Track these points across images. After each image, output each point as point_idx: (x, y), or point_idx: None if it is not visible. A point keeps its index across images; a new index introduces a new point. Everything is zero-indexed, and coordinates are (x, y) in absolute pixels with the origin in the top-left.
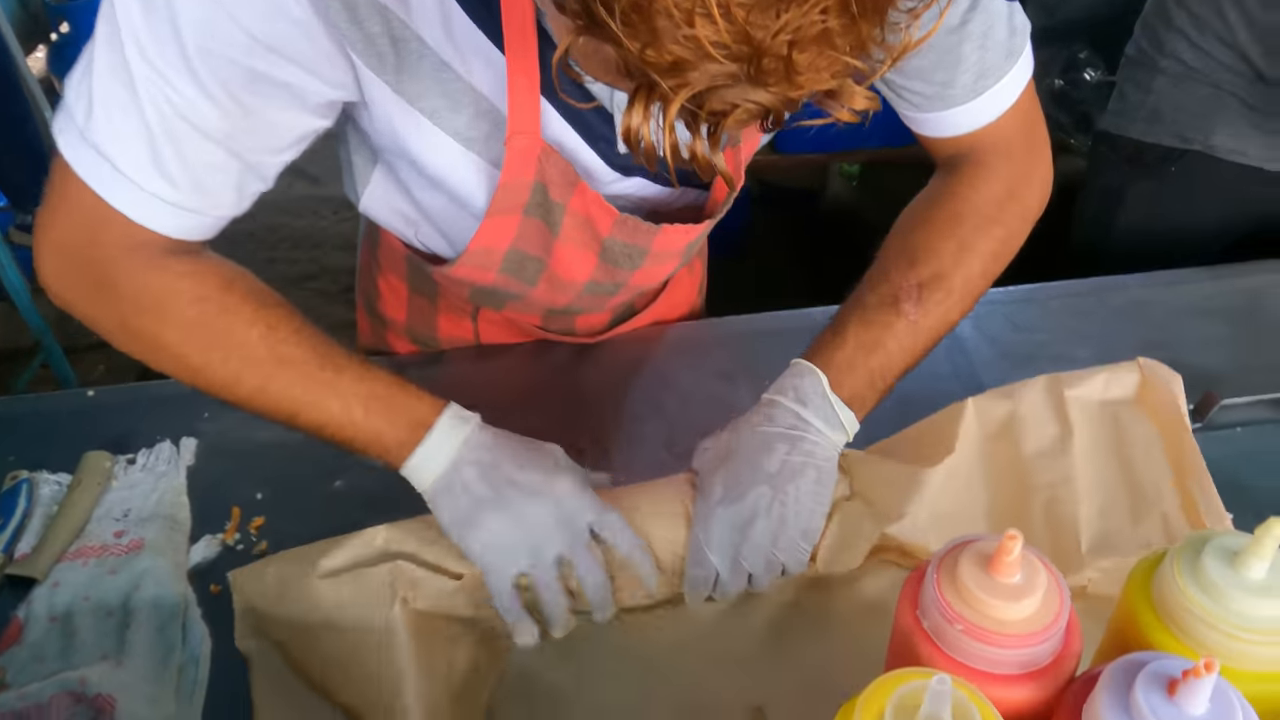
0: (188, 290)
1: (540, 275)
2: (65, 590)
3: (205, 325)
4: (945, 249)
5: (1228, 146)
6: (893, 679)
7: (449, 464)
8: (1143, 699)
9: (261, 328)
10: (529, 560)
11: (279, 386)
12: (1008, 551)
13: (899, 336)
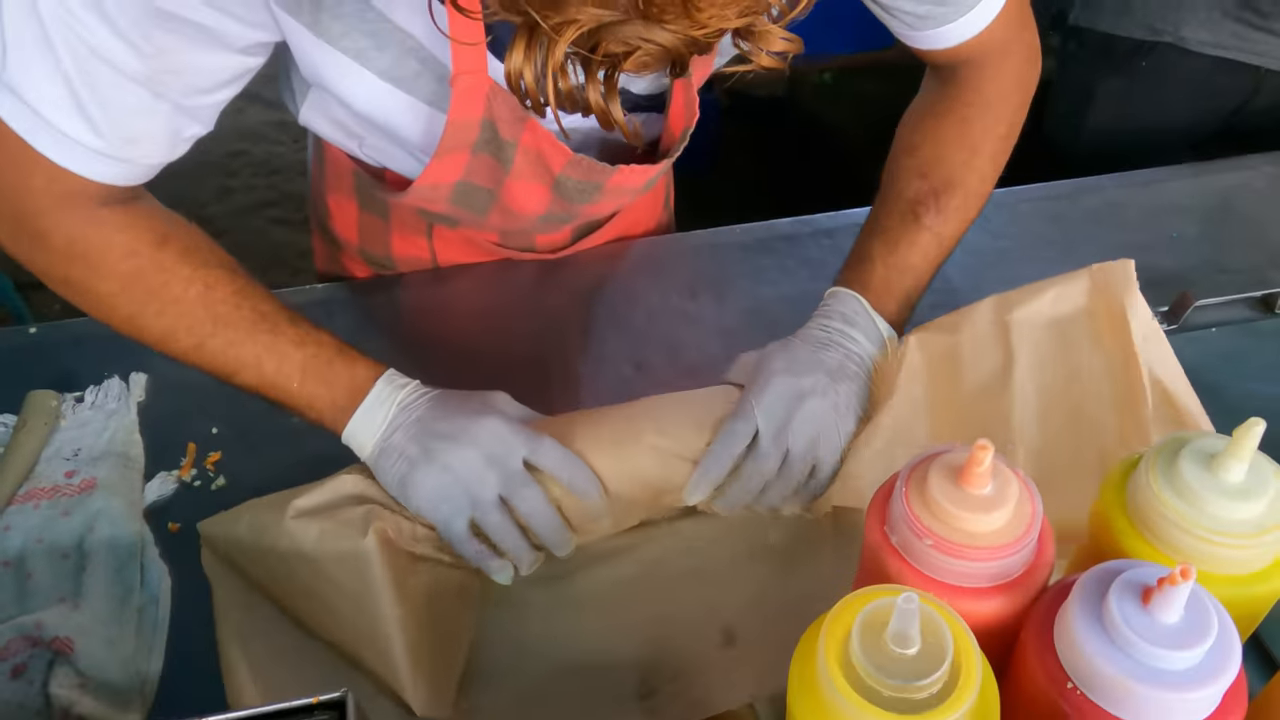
0: (120, 244)
1: (491, 206)
2: (16, 534)
3: (139, 280)
4: (956, 157)
5: (1199, 38)
6: (860, 596)
7: (383, 430)
8: (1116, 609)
9: (199, 286)
10: (470, 507)
11: (216, 346)
12: (978, 462)
13: (925, 251)
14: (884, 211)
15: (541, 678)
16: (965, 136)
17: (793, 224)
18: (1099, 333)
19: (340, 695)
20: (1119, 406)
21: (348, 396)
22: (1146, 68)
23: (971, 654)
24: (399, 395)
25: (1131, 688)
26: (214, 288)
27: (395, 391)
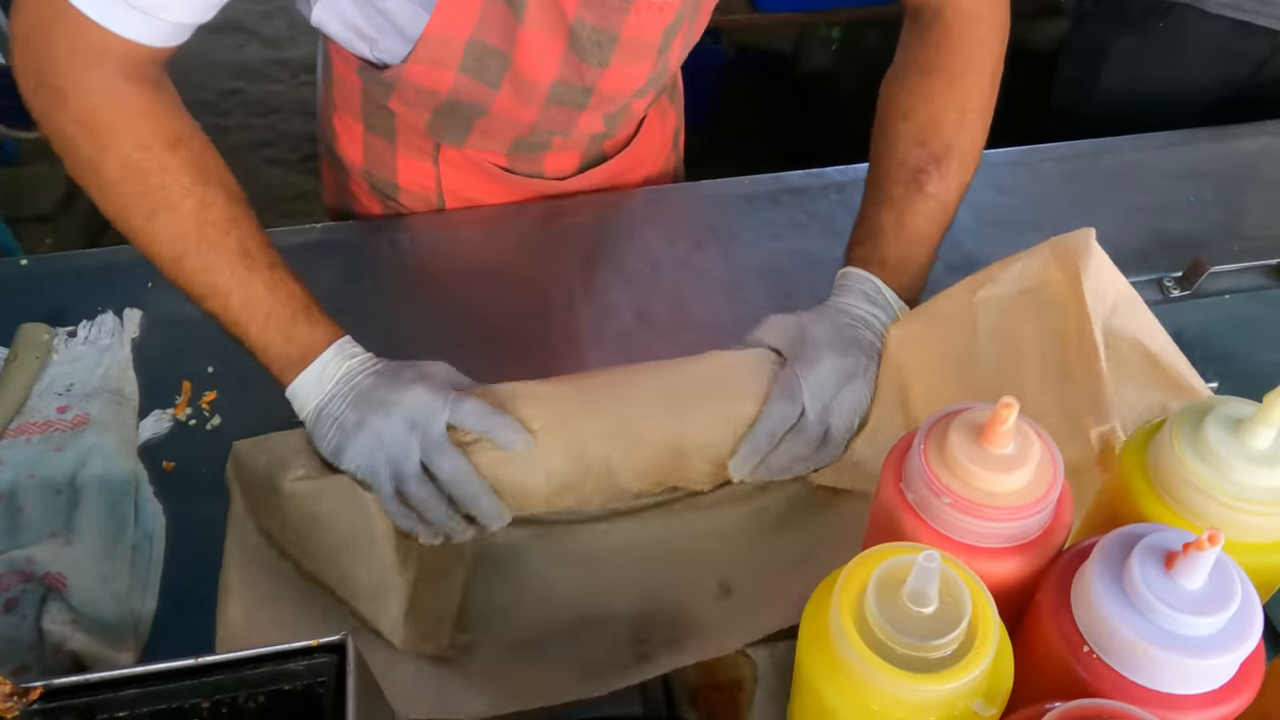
0: (135, 131)
1: (504, 75)
2: (8, 468)
3: (141, 176)
4: (948, 118)
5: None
6: (876, 554)
7: (324, 395)
8: (1138, 572)
9: (194, 201)
10: (394, 477)
11: (193, 265)
12: (1001, 421)
13: (932, 219)
14: (887, 180)
15: (536, 625)
16: (954, 95)
17: (803, 177)
18: (1059, 301)
19: (340, 638)
20: (1067, 374)
21: (300, 354)
22: (1163, 29)
23: (989, 615)
24: (346, 365)
25: (1150, 652)
26: (209, 207)
27: (343, 361)
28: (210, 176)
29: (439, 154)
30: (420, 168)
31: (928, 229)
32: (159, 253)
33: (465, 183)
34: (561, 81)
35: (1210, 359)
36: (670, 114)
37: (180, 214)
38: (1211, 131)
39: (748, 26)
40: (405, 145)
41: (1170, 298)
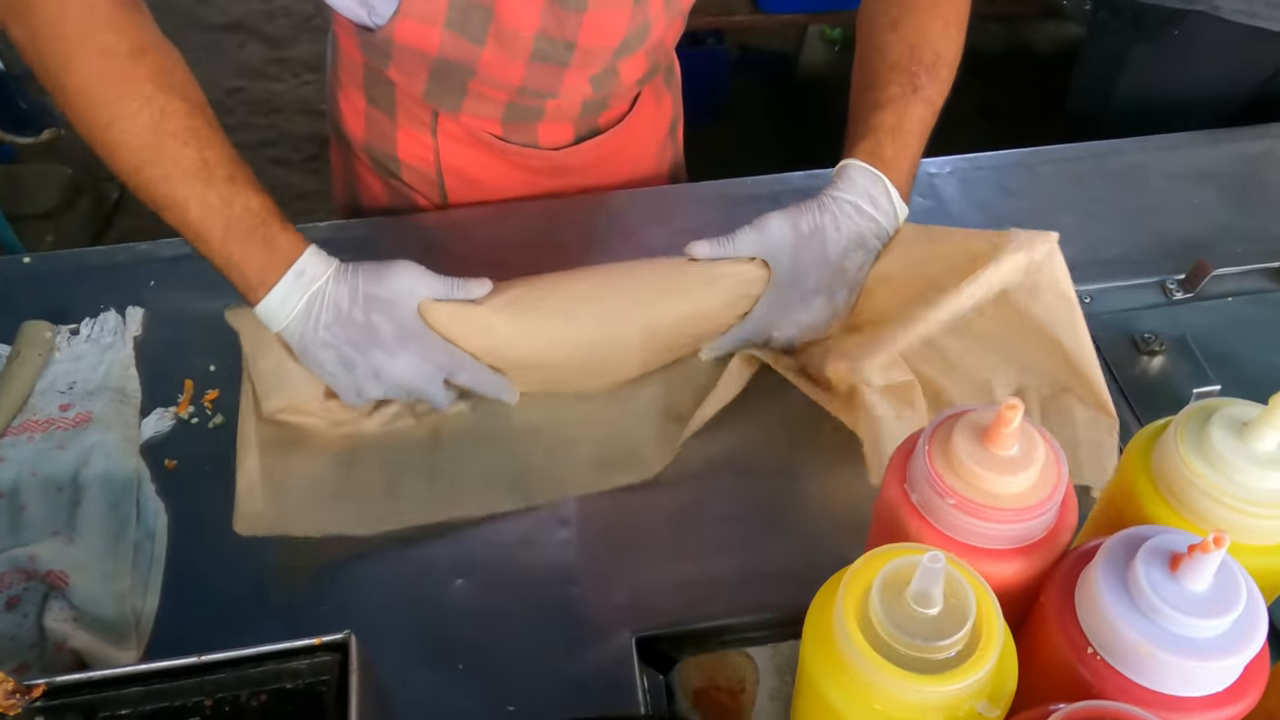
0: (100, 40)
1: (487, 29)
2: (10, 466)
3: (102, 84)
4: (935, 28)
5: (1233, 6)
6: (880, 555)
7: (302, 316)
8: (1143, 574)
9: (153, 111)
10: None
11: (153, 176)
12: (1006, 422)
13: (924, 121)
14: (882, 82)
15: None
16: (938, 8)
17: (804, 178)
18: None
19: (343, 637)
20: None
21: (258, 276)
22: (1178, 36)
23: (994, 617)
24: (317, 285)
25: (1154, 654)
26: (169, 117)
27: (304, 291)
28: (173, 86)
29: (437, 125)
30: (419, 139)
31: (920, 129)
32: (120, 163)
33: (463, 155)
34: (544, 34)
35: (1214, 361)
36: (666, 99)
37: (139, 124)
38: (1215, 134)
39: (750, 27)
40: (405, 117)
41: (1173, 300)
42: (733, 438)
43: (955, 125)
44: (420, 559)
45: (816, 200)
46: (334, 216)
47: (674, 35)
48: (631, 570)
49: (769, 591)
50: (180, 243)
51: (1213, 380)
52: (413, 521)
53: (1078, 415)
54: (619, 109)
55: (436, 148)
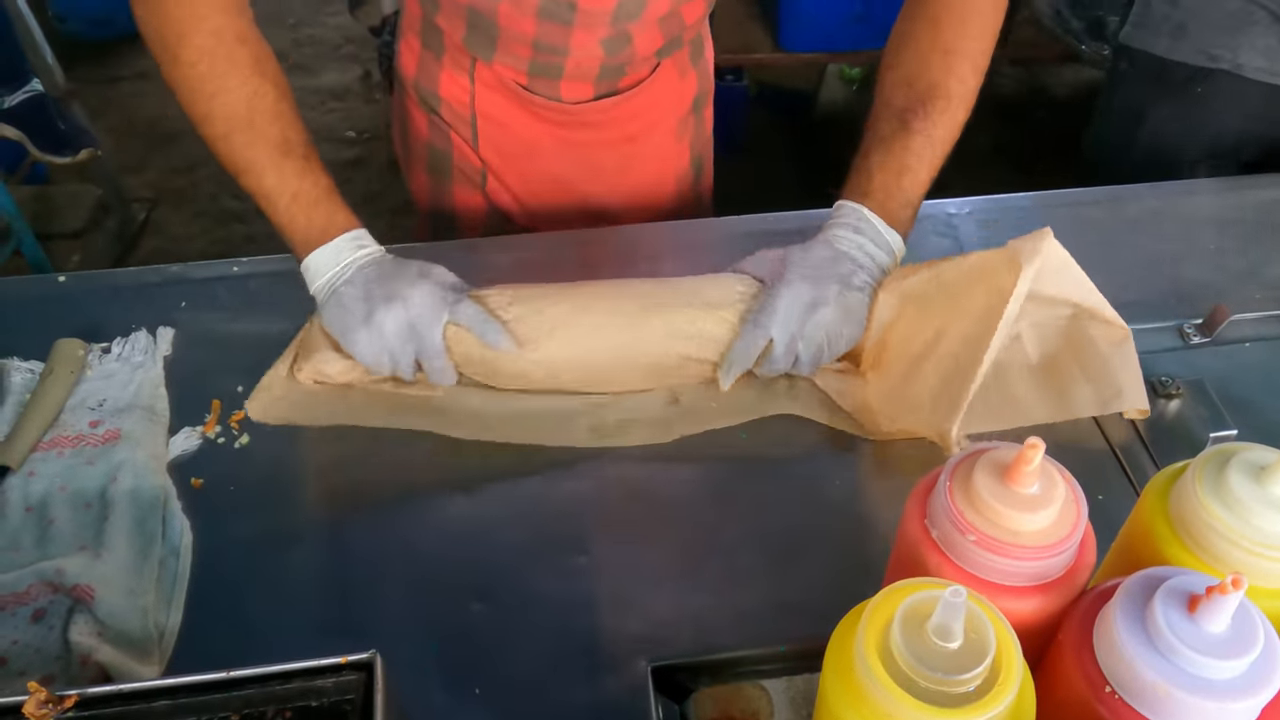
0: (212, 24)
1: None
2: (41, 480)
3: (209, 60)
4: (933, 60)
5: (1256, 65)
6: (902, 588)
7: (333, 276)
8: (1161, 615)
9: (249, 89)
10: (391, 363)
11: (238, 142)
12: (1027, 461)
13: (918, 153)
14: (876, 123)
15: (500, 419)
16: (938, 40)
17: (825, 215)
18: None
19: (368, 657)
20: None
21: (318, 235)
22: (1202, 94)
23: (1013, 653)
24: (358, 254)
25: (1172, 694)
26: (261, 97)
27: (356, 250)
28: (267, 73)
29: (475, 71)
30: (459, 82)
31: (913, 161)
32: (213, 129)
33: (494, 101)
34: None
35: (1231, 406)
36: (691, 75)
37: (236, 97)
38: (1232, 180)
39: (770, 65)
40: (450, 61)
41: (1191, 344)
42: (749, 470)
43: (973, 166)
44: (440, 582)
45: (803, 244)
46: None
47: (695, 10)
48: (648, 599)
49: (785, 624)
50: (211, 266)
51: (1230, 425)
52: (419, 426)
53: (1095, 333)
54: (638, 76)
55: (473, 91)
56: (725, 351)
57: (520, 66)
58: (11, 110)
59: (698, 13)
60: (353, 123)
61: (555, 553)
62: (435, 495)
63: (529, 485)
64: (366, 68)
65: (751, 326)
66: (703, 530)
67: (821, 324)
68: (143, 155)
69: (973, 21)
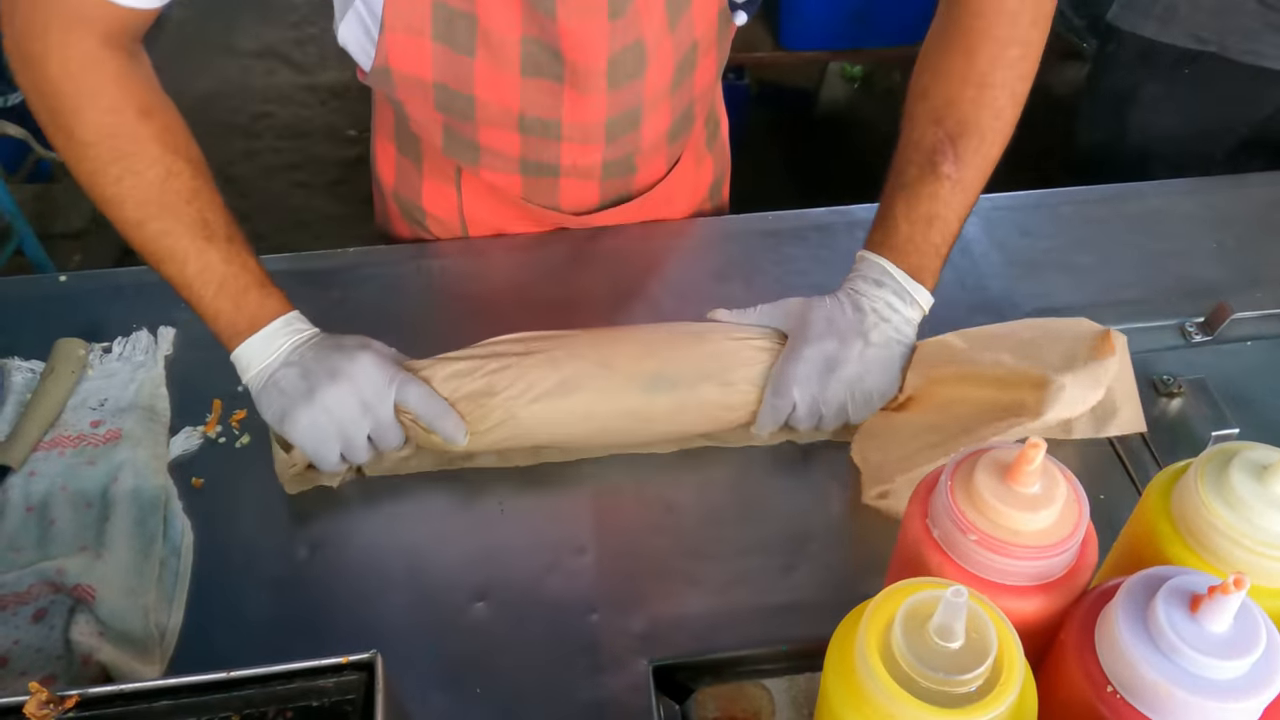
0: (109, 96)
1: (474, 36)
2: (42, 479)
3: (111, 141)
4: (965, 95)
5: (1242, 47)
6: (903, 588)
7: (269, 364)
8: (1163, 614)
9: (160, 170)
10: (342, 445)
11: (154, 230)
12: (1029, 460)
13: (947, 200)
14: (903, 164)
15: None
16: (972, 70)
17: (826, 214)
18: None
19: (369, 657)
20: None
21: (247, 322)
22: (1189, 76)
23: (1014, 652)
24: (293, 339)
25: (1174, 694)
26: (174, 177)
27: (291, 335)
28: (178, 148)
29: (461, 179)
30: (444, 192)
31: (942, 210)
32: (124, 215)
33: (486, 209)
34: (530, 37)
35: (1233, 405)
36: (707, 161)
37: (146, 180)
38: (1235, 179)
39: (771, 63)
40: (431, 169)
41: (1192, 343)
42: (751, 469)
43: None
44: (441, 582)
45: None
46: (360, 242)
47: (707, 73)
48: (650, 599)
49: (786, 624)
50: None
51: (1231, 424)
52: (426, 467)
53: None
54: (650, 173)
55: (460, 201)
56: (743, 418)
57: (511, 169)
58: (15, 108)
59: (709, 76)
60: (353, 121)
61: (556, 552)
62: (436, 494)
63: (530, 484)
64: None
65: (772, 395)
66: (704, 529)
67: (844, 382)
68: None
69: (1012, 49)
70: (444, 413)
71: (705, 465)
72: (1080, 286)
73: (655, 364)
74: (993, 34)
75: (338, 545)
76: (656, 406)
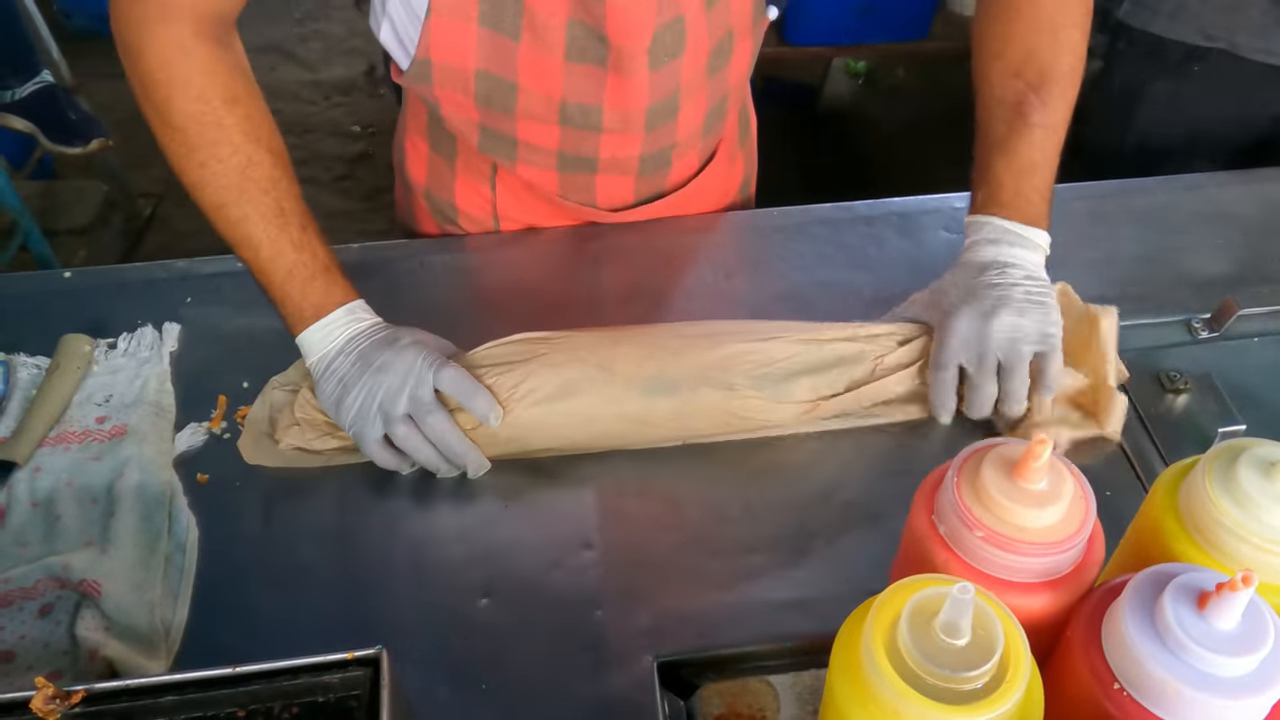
0: (197, 85)
1: (520, 19)
2: (47, 475)
3: (198, 128)
4: (1041, 44)
5: (1253, 44)
6: (909, 585)
7: (326, 351)
8: (1171, 611)
9: (242, 158)
10: (384, 424)
11: (232, 215)
12: (1036, 456)
13: (1043, 147)
14: (991, 121)
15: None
16: (1041, 18)
17: (832, 209)
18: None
19: (375, 653)
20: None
21: (313, 310)
22: (1198, 73)
23: (1021, 649)
24: (353, 327)
25: (1181, 691)
26: (254, 165)
27: (352, 323)
28: (260, 137)
29: (496, 177)
30: (478, 190)
31: (1040, 156)
32: (205, 199)
33: (520, 206)
34: (574, 19)
35: (1239, 401)
36: (739, 159)
37: (228, 167)
38: (1240, 175)
39: (775, 59)
40: (464, 167)
41: (1199, 339)
42: (759, 467)
43: None
44: (446, 578)
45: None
46: (365, 237)
47: (742, 62)
48: (655, 595)
49: (791, 620)
50: (217, 261)
51: (1238, 420)
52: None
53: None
54: (684, 169)
55: (494, 199)
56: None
57: (549, 164)
58: (22, 102)
59: (743, 67)
60: (358, 117)
61: (561, 548)
62: (441, 490)
63: (535, 480)
64: (372, 61)
65: (935, 369)
66: (709, 525)
67: (1003, 328)
68: (149, 151)
69: None
70: (475, 391)
71: (710, 461)
72: (1087, 281)
73: (655, 366)
74: None
75: (342, 541)
76: (658, 410)
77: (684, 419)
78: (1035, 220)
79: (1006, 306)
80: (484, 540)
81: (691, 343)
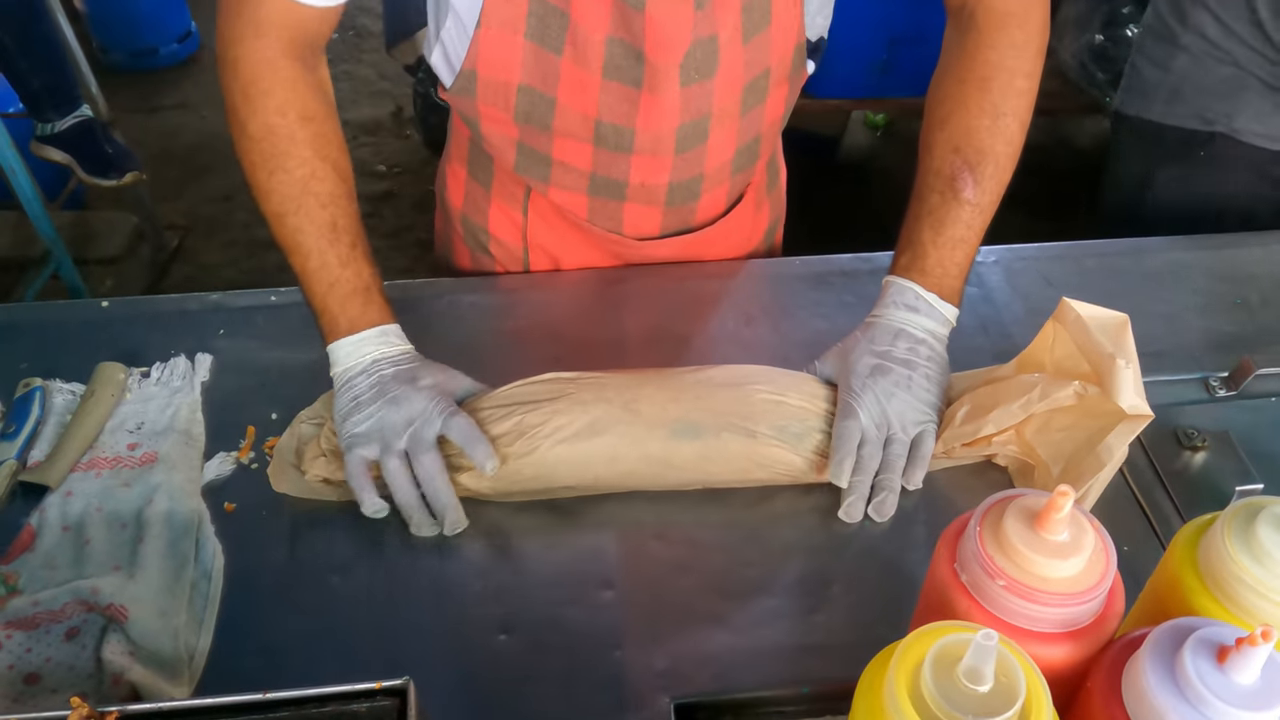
0: (278, 99)
1: (564, 33)
2: (78, 500)
3: (271, 139)
4: (980, 125)
5: (1251, 129)
6: (933, 630)
7: (350, 367)
8: (1191, 665)
9: (306, 172)
10: (379, 449)
11: (290, 223)
12: (1057, 508)
13: (969, 223)
14: (925, 190)
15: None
16: (986, 99)
17: (852, 260)
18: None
19: (402, 683)
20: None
21: (347, 324)
22: (1205, 156)
23: (1042, 697)
24: (383, 350)
25: None
26: (317, 180)
27: (383, 345)
28: (328, 155)
29: (529, 202)
30: (510, 215)
31: (965, 233)
32: (269, 206)
33: (549, 232)
34: (614, 37)
35: (1257, 459)
36: (765, 206)
37: (293, 179)
38: (1258, 235)
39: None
40: (499, 192)
41: (1216, 397)
42: (776, 509)
43: (996, 215)
44: (467, 613)
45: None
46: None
47: (777, 104)
48: (673, 636)
49: (808, 665)
50: (250, 295)
51: (1256, 478)
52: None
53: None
54: (712, 206)
55: (525, 225)
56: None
57: (580, 186)
58: (61, 134)
59: (776, 112)
60: (384, 157)
61: (581, 587)
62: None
63: (556, 520)
64: (399, 103)
65: (840, 420)
66: (728, 568)
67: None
68: (179, 184)
69: (1020, 79)
70: (478, 440)
71: (729, 505)
72: None
73: (680, 410)
74: (1004, 65)
75: (365, 572)
76: (682, 453)
77: (706, 463)
78: (950, 295)
79: (909, 389)
80: (504, 577)
81: (716, 389)
